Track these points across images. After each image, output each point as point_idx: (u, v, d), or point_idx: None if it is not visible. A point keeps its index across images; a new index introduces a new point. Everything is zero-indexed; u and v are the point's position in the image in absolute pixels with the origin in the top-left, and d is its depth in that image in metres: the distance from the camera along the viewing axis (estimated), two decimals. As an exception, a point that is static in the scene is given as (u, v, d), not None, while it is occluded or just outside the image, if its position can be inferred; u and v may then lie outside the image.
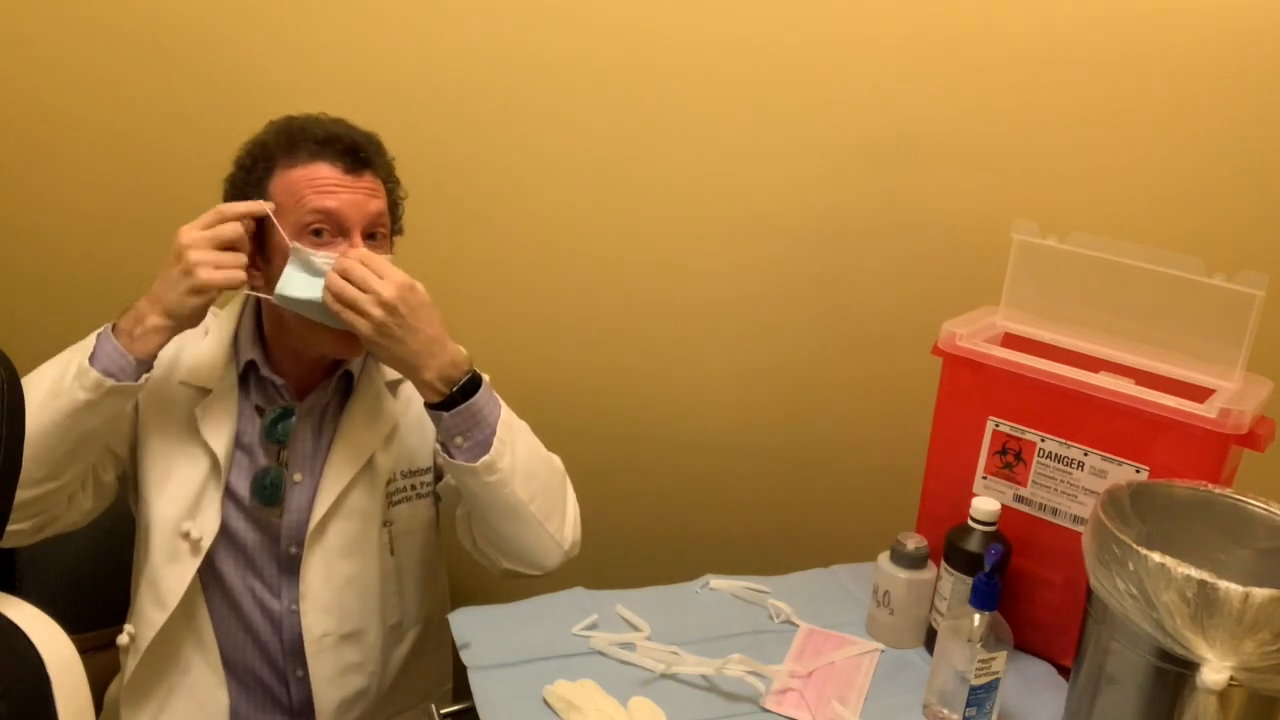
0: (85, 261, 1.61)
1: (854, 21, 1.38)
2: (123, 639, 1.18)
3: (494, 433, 1.11)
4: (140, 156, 1.55)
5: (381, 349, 1.08)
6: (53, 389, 1.04)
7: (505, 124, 1.49)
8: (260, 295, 1.16)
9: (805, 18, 1.39)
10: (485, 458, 1.10)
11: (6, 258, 1.62)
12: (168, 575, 1.16)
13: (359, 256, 1.08)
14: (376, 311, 1.06)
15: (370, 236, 1.14)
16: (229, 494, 1.18)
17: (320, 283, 1.08)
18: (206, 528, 1.16)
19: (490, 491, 1.12)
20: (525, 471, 1.14)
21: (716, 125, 1.46)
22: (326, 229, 1.11)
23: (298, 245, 1.10)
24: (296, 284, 1.10)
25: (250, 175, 1.15)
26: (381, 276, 1.07)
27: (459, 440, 1.11)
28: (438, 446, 1.15)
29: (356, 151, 1.14)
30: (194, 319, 1.08)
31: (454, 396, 1.10)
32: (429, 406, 1.12)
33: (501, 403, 1.15)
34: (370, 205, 1.13)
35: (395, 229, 1.22)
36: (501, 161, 1.51)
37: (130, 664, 1.17)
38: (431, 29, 1.46)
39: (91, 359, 1.04)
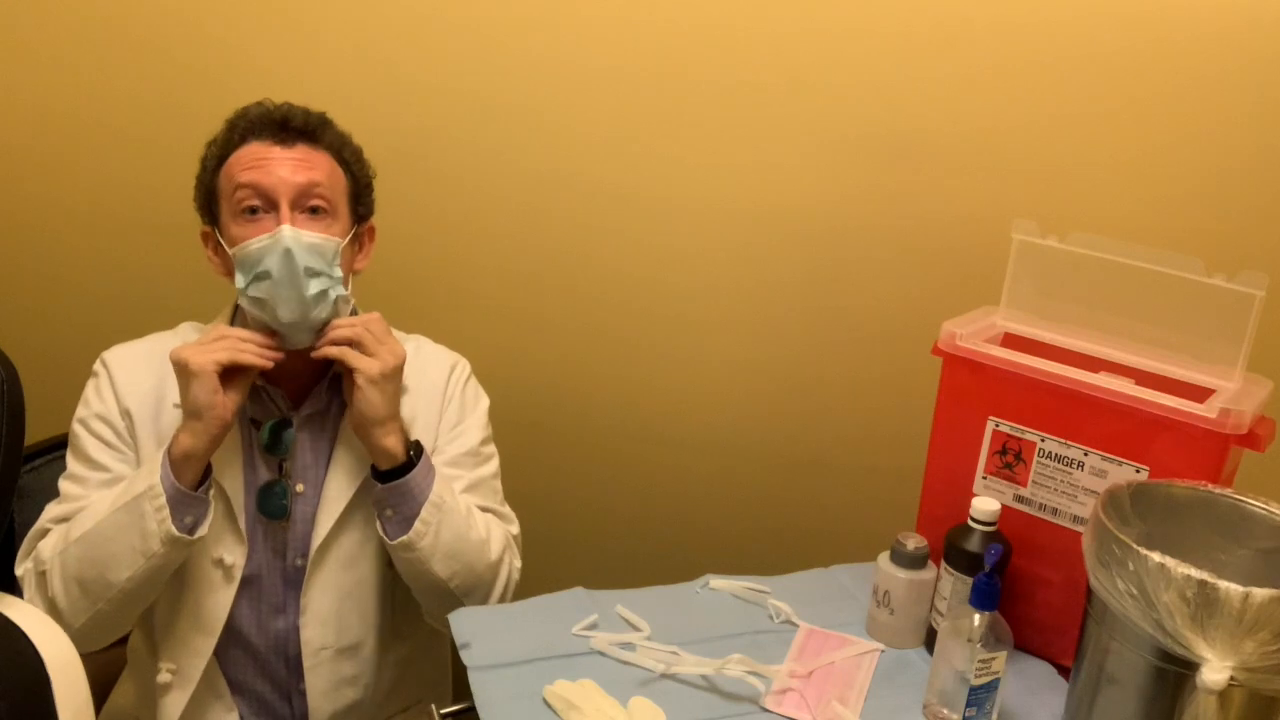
0: (85, 261, 1.61)
1: (854, 19, 1.38)
2: (164, 677, 1.16)
3: (418, 513, 1.13)
4: (140, 155, 1.55)
5: (375, 393, 1.11)
6: (141, 549, 1.07)
7: (502, 121, 1.49)
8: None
9: (804, 15, 1.39)
10: (403, 537, 1.13)
11: (6, 257, 1.62)
12: (209, 604, 1.16)
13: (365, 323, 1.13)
14: (391, 360, 1.11)
15: (311, 210, 1.13)
16: (235, 512, 1.17)
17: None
18: (237, 551, 1.16)
19: (407, 565, 1.16)
20: (447, 553, 1.16)
21: (716, 123, 1.46)
22: (258, 204, 1.12)
23: (235, 251, 1.12)
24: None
25: (205, 172, 1.17)
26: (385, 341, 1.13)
27: (389, 512, 1.14)
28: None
29: (285, 124, 1.14)
30: (208, 411, 1.08)
31: (391, 471, 1.13)
32: (375, 473, 1.15)
33: (444, 484, 1.17)
34: (298, 175, 1.12)
35: (360, 210, 1.21)
36: (498, 158, 1.51)
37: (179, 700, 1.16)
38: (431, 25, 1.46)
39: (172, 517, 1.07)
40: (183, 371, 1.07)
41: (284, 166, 1.12)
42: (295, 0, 1.46)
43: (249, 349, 1.10)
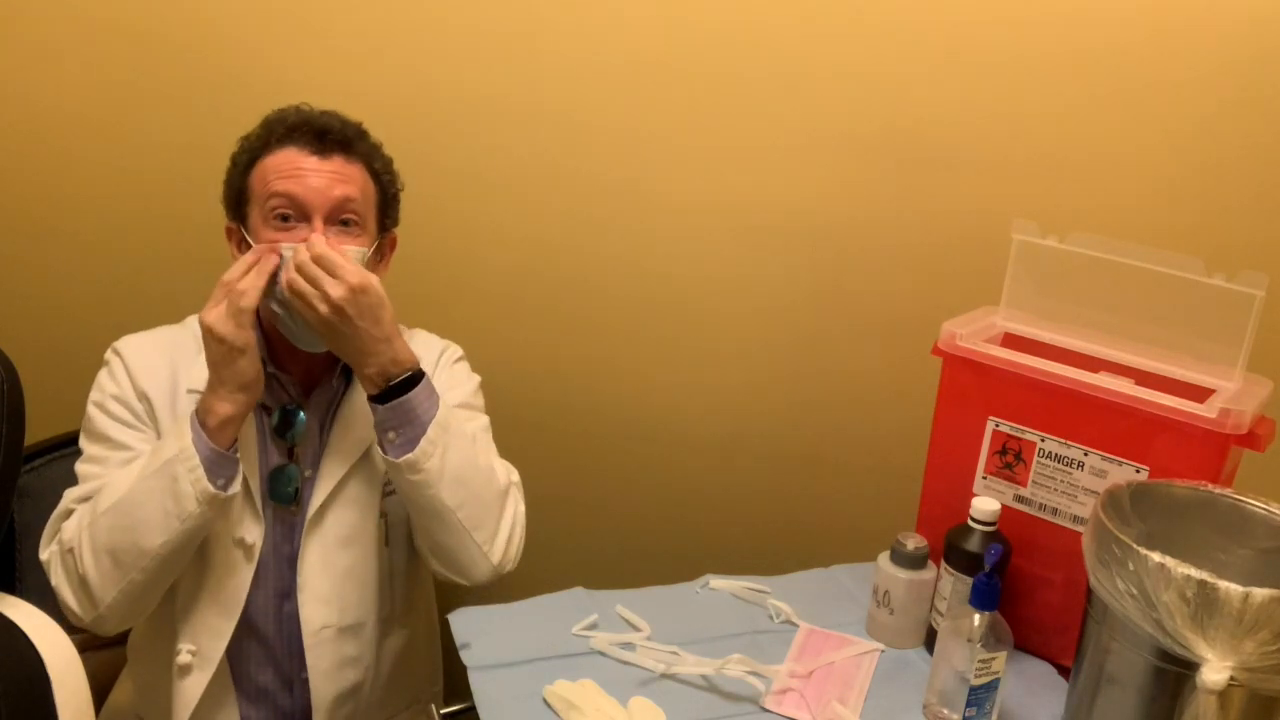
0: (85, 260, 1.61)
1: (854, 20, 1.38)
2: (184, 658, 1.16)
3: (424, 433, 1.12)
4: (142, 154, 1.54)
5: (329, 340, 1.11)
6: (175, 512, 1.07)
7: (506, 122, 1.49)
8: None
9: (806, 14, 1.39)
10: (409, 455, 1.11)
11: (6, 256, 1.62)
12: (230, 584, 1.16)
13: (316, 252, 1.08)
14: (322, 308, 1.07)
15: (342, 223, 1.14)
16: (253, 493, 1.17)
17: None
18: (255, 531, 1.17)
19: (416, 491, 1.13)
20: (455, 478, 1.14)
21: (717, 127, 1.46)
22: (290, 213, 1.12)
23: (259, 245, 1.11)
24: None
25: (235, 169, 1.17)
26: (335, 275, 1.07)
27: (391, 435, 1.12)
28: (376, 439, 1.16)
29: (325, 135, 1.13)
30: (254, 384, 1.09)
31: (389, 391, 1.11)
32: (370, 399, 1.13)
33: (448, 409, 1.15)
34: (335, 189, 1.12)
35: (387, 222, 1.22)
36: (502, 159, 1.51)
37: (199, 681, 1.16)
38: (437, 23, 1.46)
39: (207, 477, 1.07)
40: (223, 346, 1.07)
41: (320, 179, 1.12)
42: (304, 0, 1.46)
43: (248, 283, 1.08)
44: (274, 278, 1.11)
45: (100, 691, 1.33)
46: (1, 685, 0.86)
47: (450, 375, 1.28)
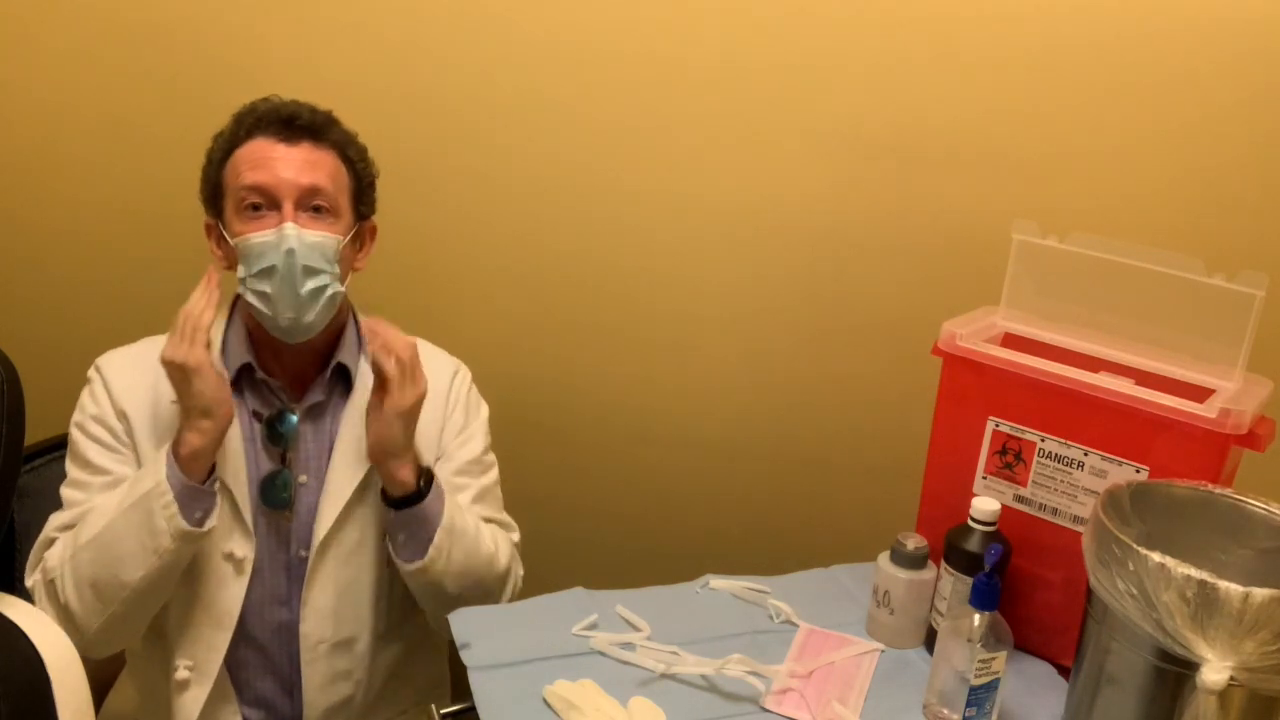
0: (85, 261, 1.61)
1: (855, 17, 1.38)
2: (181, 674, 1.16)
3: (431, 539, 1.14)
4: (141, 155, 1.55)
5: (399, 425, 1.13)
6: (152, 547, 1.07)
7: (506, 122, 1.49)
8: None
9: (805, 12, 1.39)
10: (419, 562, 1.15)
11: (6, 257, 1.62)
12: (222, 598, 1.16)
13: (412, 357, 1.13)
14: (417, 395, 1.13)
15: (314, 210, 1.14)
16: (240, 506, 1.17)
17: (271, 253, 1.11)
18: (245, 545, 1.17)
19: (421, 585, 1.18)
20: (459, 572, 1.18)
21: (715, 124, 1.46)
22: (261, 203, 1.12)
23: (237, 242, 1.12)
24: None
25: (211, 165, 1.18)
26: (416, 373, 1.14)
27: (402, 538, 1.16)
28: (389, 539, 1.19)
29: (292, 121, 1.14)
30: (217, 408, 1.09)
31: (407, 498, 1.14)
32: (386, 499, 1.16)
33: (451, 506, 1.17)
34: (303, 176, 1.13)
35: (363, 209, 1.21)
36: (501, 160, 1.51)
37: (198, 696, 1.16)
38: (433, 24, 1.46)
39: (181, 512, 1.07)
40: (180, 371, 1.07)
41: (288, 167, 1.12)
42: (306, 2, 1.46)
43: (202, 305, 1.09)
44: (241, 270, 1.12)
45: (100, 691, 1.33)
46: (1, 685, 0.86)
47: (466, 409, 1.28)
